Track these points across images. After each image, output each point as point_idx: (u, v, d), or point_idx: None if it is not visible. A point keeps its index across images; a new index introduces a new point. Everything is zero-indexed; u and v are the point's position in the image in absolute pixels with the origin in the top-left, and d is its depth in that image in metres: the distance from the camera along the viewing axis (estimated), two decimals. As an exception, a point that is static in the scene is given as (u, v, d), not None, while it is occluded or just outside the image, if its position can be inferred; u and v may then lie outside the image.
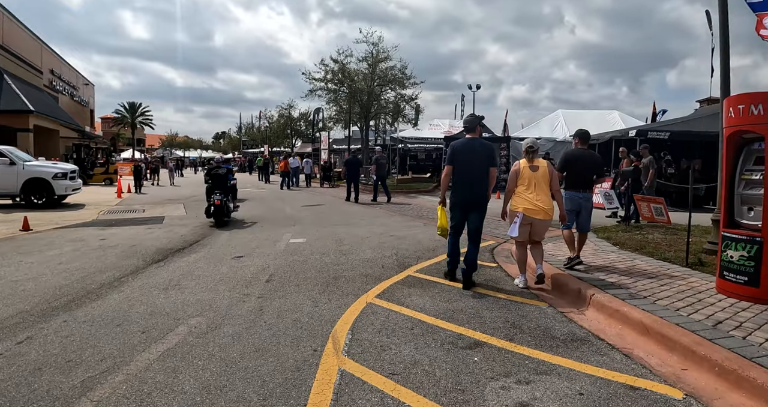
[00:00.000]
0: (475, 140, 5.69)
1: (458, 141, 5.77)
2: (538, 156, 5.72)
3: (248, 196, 19.57)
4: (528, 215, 5.47)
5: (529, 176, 5.51)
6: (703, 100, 48.72)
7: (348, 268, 6.61)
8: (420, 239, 8.92)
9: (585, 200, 6.22)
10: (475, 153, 5.55)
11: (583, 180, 6.18)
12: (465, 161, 5.56)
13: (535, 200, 5.45)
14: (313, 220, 11.82)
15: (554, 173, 5.66)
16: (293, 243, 8.58)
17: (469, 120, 6.02)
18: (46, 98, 33.33)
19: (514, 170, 5.62)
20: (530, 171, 5.53)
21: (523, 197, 5.52)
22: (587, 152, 6.36)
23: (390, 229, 10.16)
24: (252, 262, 7.06)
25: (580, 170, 6.15)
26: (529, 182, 5.52)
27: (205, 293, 5.44)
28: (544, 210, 5.47)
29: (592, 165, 6.20)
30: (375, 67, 23.36)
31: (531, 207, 5.45)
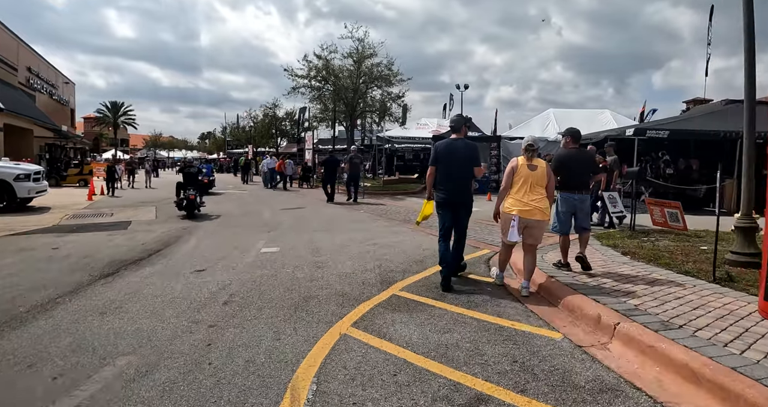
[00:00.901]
0: (458, 140, 5.68)
1: (441, 142, 5.82)
2: (537, 155, 5.37)
3: (226, 198, 18.57)
4: (524, 217, 5.14)
5: (526, 175, 5.20)
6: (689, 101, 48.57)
7: (323, 285, 5.68)
8: (406, 248, 8.01)
9: (581, 202, 5.98)
10: (458, 154, 5.55)
11: (578, 181, 5.96)
12: (448, 162, 5.57)
13: (530, 200, 5.16)
14: (291, 225, 10.87)
15: (552, 176, 5.36)
16: (265, 253, 7.64)
17: (455, 120, 5.98)
18: (20, 96, 32.02)
19: (511, 167, 5.29)
20: (528, 170, 5.21)
21: (517, 198, 5.22)
22: (580, 151, 6.16)
23: (373, 236, 9.25)
24: (213, 277, 6.11)
25: (575, 171, 5.94)
26: (524, 181, 5.20)
27: (148, 320, 4.49)
28: (541, 210, 5.16)
29: (586, 165, 6.06)
30: (360, 63, 22.41)
31: (526, 208, 5.14)
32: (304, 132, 35.36)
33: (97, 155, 58.28)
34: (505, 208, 5.30)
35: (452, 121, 6.03)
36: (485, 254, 7.44)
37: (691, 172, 17.11)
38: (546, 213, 5.24)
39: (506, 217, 5.27)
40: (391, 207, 14.56)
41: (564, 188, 6.01)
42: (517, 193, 5.24)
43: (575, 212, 6.01)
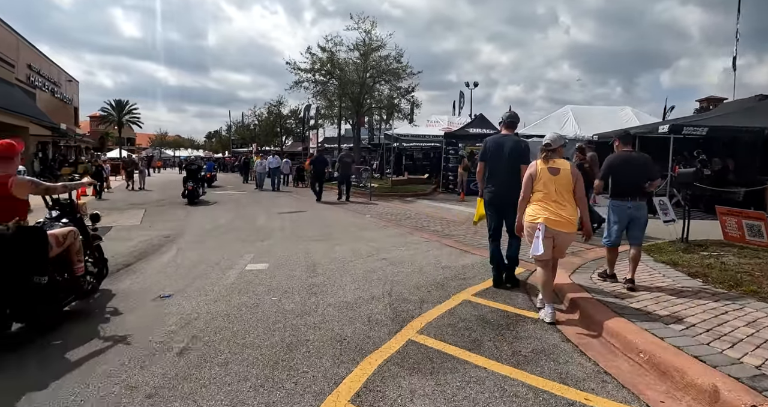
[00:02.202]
0: (507, 136, 5.55)
1: (491, 137, 5.67)
2: (558, 155, 4.67)
3: (221, 200, 17.24)
4: (551, 227, 4.43)
5: (548, 180, 4.56)
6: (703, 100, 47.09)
7: (316, 322, 4.32)
8: (421, 264, 6.65)
9: (635, 210, 5.32)
10: (505, 150, 5.37)
11: (632, 187, 5.35)
12: (496, 158, 5.41)
13: (557, 209, 4.48)
14: (286, 233, 9.51)
15: (579, 176, 4.66)
16: (250, 271, 6.30)
17: (511, 115, 5.73)
18: (15, 93, 30.92)
19: (529, 174, 4.69)
20: (549, 174, 4.57)
21: (542, 206, 4.54)
22: (633, 153, 5.62)
23: (381, 247, 7.88)
24: (178, 308, 4.77)
25: (627, 175, 5.37)
26: (547, 187, 4.55)
27: (68, 382, 3.17)
28: (570, 221, 4.48)
29: (641, 168, 5.43)
30: (368, 56, 21.00)
31: (553, 218, 4.44)
32: (308, 130, 34.10)
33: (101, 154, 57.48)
34: (529, 216, 4.60)
35: (508, 117, 5.72)
36: (520, 274, 6.04)
37: (727, 173, 15.66)
38: (573, 224, 4.52)
39: (531, 226, 4.56)
40: (400, 211, 13.16)
41: (615, 195, 5.43)
42: (542, 201, 4.58)
43: (629, 221, 5.34)
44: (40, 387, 3.12)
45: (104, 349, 3.76)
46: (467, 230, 9.61)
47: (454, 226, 10.26)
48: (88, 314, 4.68)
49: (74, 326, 4.34)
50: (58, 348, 3.80)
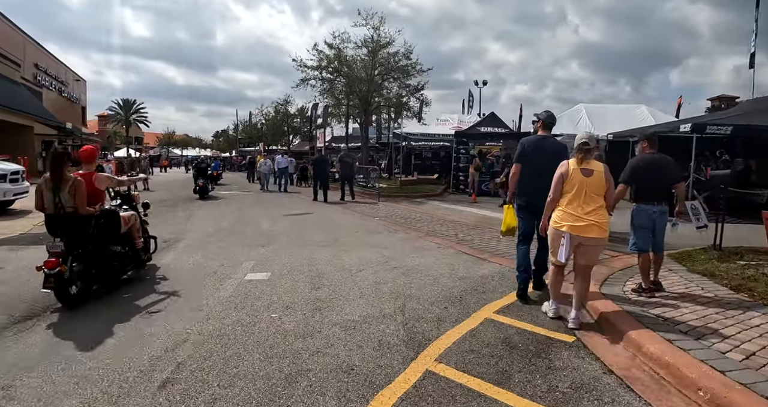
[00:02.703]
0: (546, 138, 5.32)
1: (529, 138, 5.42)
2: (593, 156, 4.43)
3: (227, 200, 16.77)
4: (575, 234, 4.23)
5: (580, 182, 4.31)
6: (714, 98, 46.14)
7: (320, 347, 3.81)
8: (436, 274, 6.12)
9: (660, 214, 5.16)
10: (545, 152, 5.09)
11: (658, 190, 5.19)
12: (533, 160, 5.10)
13: (584, 213, 4.23)
14: (290, 237, 9.00)
15: (612, 182, 4.42)
16: (249, 282, 5.80)
17: (549, 115, 5.44)
18: (21, 92, 30.72)
19: (560, 173, 4.41)
20: (581, 175, 4.31)
21: (568, 211, 4.30)
22: (659, 156, 5.33)
23: (392, 254, 7.35)
24: (165, 327, 4.28)
25: (654, 179, 5.14)
26: (578, 190, 4.30)
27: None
28: (598, 225, 4.20)
29: (666, 171, 5.21)
30: (376, 53, 20.43)
31: (579, 223, 4.22)
32: (315, 129, 33.62)
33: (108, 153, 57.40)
34: (554, 222, 4.40)
35: (547, 117, 5.40)
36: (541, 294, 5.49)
37: (749, 173, 14.99)
38: (604, 229, 4.26)
39: (555, 233, 4.39)
40: (411, 213, 12.62)
41: (640, 199, 5.23)
42: (569, 204, 4.32)
43: (654, 226, 5.15)
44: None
45: (67, 388, 3.26)
46: (482, 235, 9.07)
47: (467, 230, 9.71)
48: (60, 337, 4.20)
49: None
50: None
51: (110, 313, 4.69)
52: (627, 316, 4.31)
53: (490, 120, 21.03)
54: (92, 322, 4.45)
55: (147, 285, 5.79)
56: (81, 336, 4.07)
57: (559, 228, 4.32)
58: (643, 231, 5.16)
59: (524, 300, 5.05)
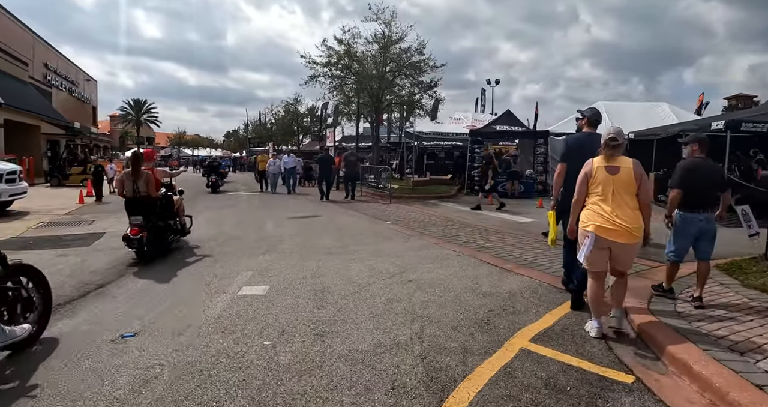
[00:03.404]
0: (592, 135, 4.97)
1: (574, 136, 5.23)
2: (621, 153, 4.09)
3: (231, 201, 16.11)
4: (603, 237, 3.89)
5: (605, 181, 4.00)
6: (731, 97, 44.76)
7: (319, 389, 3.06)
8: (457, 289, 5.34)
9: (707, 222, 4.81)
10: (592, 151, 4.44)
11: (705, 197, 4.85)
12: (580, 159, 4.45)
13: (613, 214, 3.88)
14: (295, 243, 8.27)
15: (644, 178, 4.04)
16: (243, 298, 5.08)
17: (595, 112, 5.15)
18: (29, 91, 30.43)
19: (584, 173, 4.16)
20: (606, 174, 4.01)
21: (596, 211, 3.98)
22: (707, 161, 5.00)
23: (406, 264, 6.60)
24: (139, 353, 3.59)
25: (702, 185, 4.79)
26: (604, 189, 4.00)
27: None
28: (628, 230, 3.85)
29: (714, 177, 4.98)
30: (387, 49, 19.63)
31: (607, 226, 3.88)
32: (326, 129, 32.93)
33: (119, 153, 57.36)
34: (582, 222, 4.08)
35: (592, 114, 5.10)
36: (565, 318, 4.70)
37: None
38: (636, 234, 3.89)
39: (581, 233, 4.08)
40: (424, 216, 11.84)
41: (686, 207, 4.85)
42: (597, 204, 3.99)
43: (699, 236, 4.84)
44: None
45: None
46: (503, 241, 8.28)
47: (487, 235, 8.93)
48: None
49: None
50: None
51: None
52: (694, 349, 3.52)
53: (506, 118, 20.21)
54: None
55: (134, 295, 5.11)
56: (32, 371, 3.37)
57: (585, 228, 3.99)
58: (684, 240, 4.89)
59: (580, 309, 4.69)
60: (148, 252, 6.95)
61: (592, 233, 3.93)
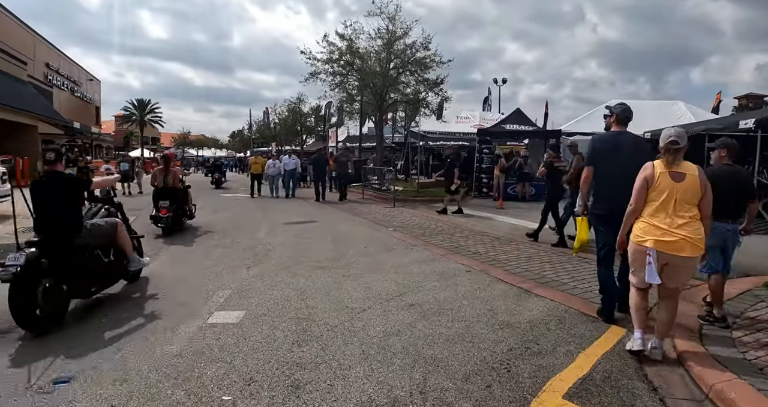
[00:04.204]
0: (623, 133, 4.49)
1: (602, 135, 4.73)
2: (682, 157, 3.60)
3: (226, 204, 15.25)
4: (663, 251, 3.44)
5: (670, 188, 3.53)
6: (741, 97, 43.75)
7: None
8: (470, 317, 4.47)
9: (733, 233, 4.43)
10: (623, 150, 4.31)
11: (732, 206, 4.37)
12: (611, 161, 4.32)
13: (675, 227, 3.43)
14: (285, 254, 7.41)
15: (708, 187, 3.57)
16: (212, 328, 4.24)
17: (624, 109, 4.54)
18: (26, 91, 29.80)
19: (644, 178, 3.62)
20: (670, 180, 3.54)
21: (654, 223, 3.51)
22: (734, 168, 4.63)
23: (407, 281, 5.74)
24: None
25: (729, 194, 4.26)
26: (668, 197, 3.52)
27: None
28: (691, 242, 3.41)
29: (742, 186, 4.51)
30: (391, 44, 18.75)
31: (668, 239, 3.43)
32: (328, 129, 32.12)
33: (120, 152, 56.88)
34: (636, 236, 3.66)
35: (622, 110, 4.56)
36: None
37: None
38: (700, 246, 3.48)
39: (638, 249, 3.63)
40: (430, 222, 10.96)
41: (715, 216, 4.19)
42: (655, 215, 3.55)
43: (725, 246, 4.47)
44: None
45: None
46: (517, 253, 7.41)
47: (499, 245, 8.05)
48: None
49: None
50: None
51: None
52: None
53: (515, 117, 19.25)
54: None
55: (86, 325, 4.28)
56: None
57: (642, 243, 3.55)
58: (713, 251, 4.32)
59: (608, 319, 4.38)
60: (171, 228, 9.40)
61: (652, 249, 3.48)
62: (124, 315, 4.67)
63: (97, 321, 4.54)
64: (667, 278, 3.59)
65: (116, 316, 4.63)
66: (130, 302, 5.12)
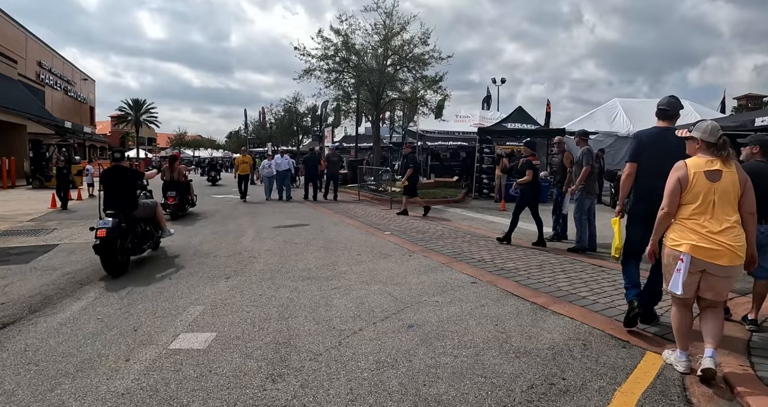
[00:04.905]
0: (670, 129, 4.26)
1: (646, 131, 4.32)
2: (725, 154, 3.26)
3: (215, 206, 14.54)
4: (700, 259, 3.11)
5: (705, 189, 3.20)
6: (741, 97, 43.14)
7: None
8: (479, 342, 3.79)
9: (765, 237, 4.09)
10: (671, 148, 4.06)
11: (765, 206, 3.82)
12: (655, 158, 4.10)
13: (714, 233, 3.10)
14: (270, 263, 6.72)
15: (749, 184, 3.26)
16: (175, 354, 3.57)
17: (672, 102, 4.25)
18: (15, 89, 29.08)
19: (677, 178, 3.29)
20: (706, 180, 3.21)
21: (689, 226, 3.19)
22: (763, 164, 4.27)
23: (405, 296, 5.07)
24: None
25: (762, 192, 3.63)
26: (703, 199, 3.19)
27: None
28: (731, 249, 3.08)
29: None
30: (388, 41, 18.07)
31: (705, 244, 3.11)
32: (325, 128, 31.48)
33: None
34: (671, 240, 3.27)
35: (667, 104, 4.24)
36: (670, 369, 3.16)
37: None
38: (741, 254, 3.09)
39: (671, 254, 3.25)
40: (429, 225, 10.30)
41: None
42: (692, 219, 3.18)
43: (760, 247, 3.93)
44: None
45: None
46: (527, 261, 6.75)
47: (505, 251, 7.38)
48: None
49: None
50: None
51: None
52: None
53: (517, 115, 18.60)
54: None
55: (20, 354, 3.61)
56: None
57: (676, 248, 3.23)
58: (764, 253, 4.09)
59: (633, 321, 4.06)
60: (176, 213, 11.70)
61: (686, 254, 3.16)
62: (78, 333, 4.00)
63: (37, 349, 3.86)
64: (704, 288, 3.26)
65: (57, 343, 3.96)
66: (87, 315, 4.44)
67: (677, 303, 3.38)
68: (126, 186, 6.62)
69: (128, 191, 6.63)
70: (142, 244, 6.83)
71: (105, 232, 5.83)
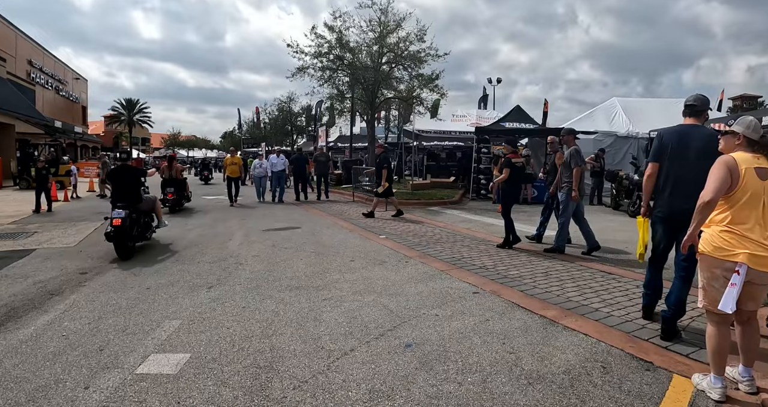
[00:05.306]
0: (696, 127, 3.94)
1: (668, 129, 4.08)
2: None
3: (205, 207, 14.05)
4: (758, 269, 2.72)
5: (755, 188, 2.81)
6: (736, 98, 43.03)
7: None
8: (486, 366, 3.37)
9: None
10: (694, 146, 3.82)
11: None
12: (679, 157, 3.87)
13: (765, 238, 2.75)
14: (256, 270, 6.28)
15: None
16: (141, 381, 3.13)
17: (700, 98, 3.97)
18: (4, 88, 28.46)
19: (728, 169, 2.84)
20: (757, 178, 2.82)
21: (744, 233, 2.77)
22: None
23: (401, 308, 4.65)
24: None
25: None
26: (755, 200, 2.81)
27: None
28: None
29: None
30: (383, 38, 17.63)
31: (762, 253, 2.71)
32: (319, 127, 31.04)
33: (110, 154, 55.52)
34: (720, 248, 2.81)
35: (695, 100, 3.95)
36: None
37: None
38: None
39: (721, 266, 2.81)
40: (425, 228, 9.87)
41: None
42: (743, 223, 2.78)
43: None
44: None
45: None
46: (532, 268, 6.33)
47: (507, 257, 6.97)
48: None
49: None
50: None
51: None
52: None
53: (515, 115, 18.23)
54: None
55: None
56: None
57: (730, 258, 2.77)
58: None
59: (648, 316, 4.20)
60: (174, 207, 12.78)
61: (743, 265, 2.72)
62: (39, 353, 3.55)
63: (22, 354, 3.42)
64: (747, 300, 2.89)
65: (35, 348, 3.51)
66: (51, 331, 4.00)
67: (716, 322, 2.98)
68: (132, 182, 7.62)
69: (134, 187, 7.63)
70: (144, 232, 7.86)
71: (120, 221, 6.83)
